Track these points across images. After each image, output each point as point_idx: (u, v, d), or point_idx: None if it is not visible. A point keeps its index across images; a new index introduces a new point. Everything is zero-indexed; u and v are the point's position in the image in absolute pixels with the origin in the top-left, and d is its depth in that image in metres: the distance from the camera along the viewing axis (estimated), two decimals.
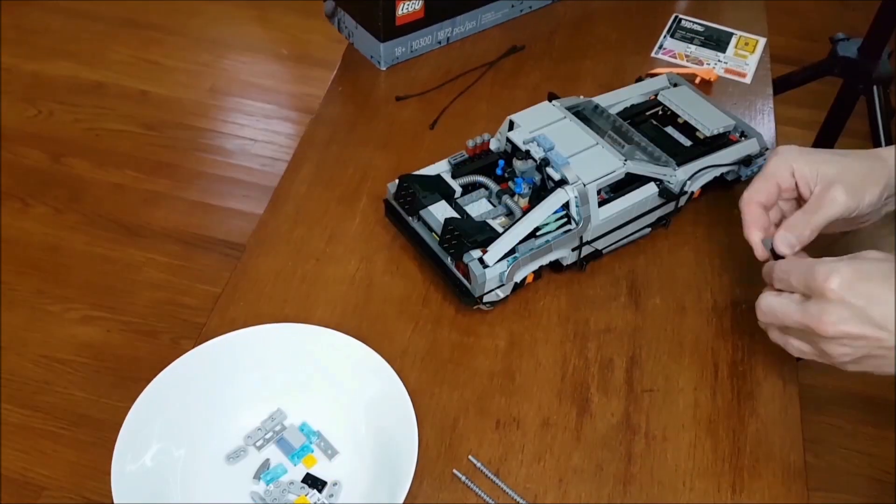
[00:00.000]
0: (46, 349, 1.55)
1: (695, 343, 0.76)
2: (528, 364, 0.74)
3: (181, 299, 1.65)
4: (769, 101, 1.02)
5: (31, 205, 1.82)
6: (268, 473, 0.67)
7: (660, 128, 0.90)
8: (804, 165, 0.71)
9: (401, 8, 0.98)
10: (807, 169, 0.70)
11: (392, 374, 0.68)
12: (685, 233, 0.85)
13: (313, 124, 0.96)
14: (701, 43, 1.10)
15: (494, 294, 0.75)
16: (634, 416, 0.71)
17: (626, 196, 0.79)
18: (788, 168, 0.71)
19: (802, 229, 0.69)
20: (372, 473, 0.66)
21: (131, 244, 1.75)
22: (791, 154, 0.72)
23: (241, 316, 0.76)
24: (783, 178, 0.72)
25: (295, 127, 2.06)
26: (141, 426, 0.65)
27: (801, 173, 0.71)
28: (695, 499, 0.66)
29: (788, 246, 0.69)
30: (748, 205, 0.73)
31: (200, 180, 1.91)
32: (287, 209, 0.86)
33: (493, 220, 0.78)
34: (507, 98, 1.00)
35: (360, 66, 1.04)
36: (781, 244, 0.69)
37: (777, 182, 0.72)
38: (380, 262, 0.81)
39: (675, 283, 0.81)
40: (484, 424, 0.70)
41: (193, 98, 2.11)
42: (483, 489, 0.65)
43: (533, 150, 0.77)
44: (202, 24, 2.33)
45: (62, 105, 2.06)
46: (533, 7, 1.13)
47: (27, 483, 1.37)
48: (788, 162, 0.71)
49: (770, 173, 0.72)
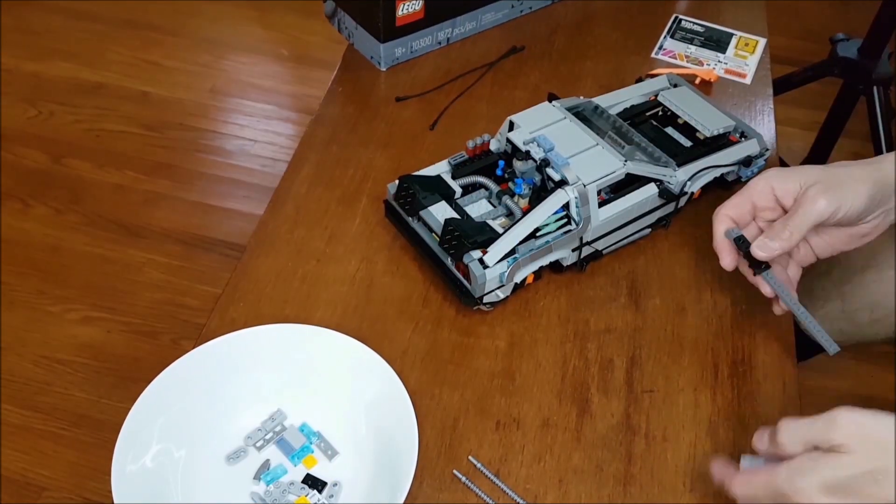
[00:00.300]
0: (47, 350, 1.55)
1: (695, 343, 0.76)
2: (529, 364, 0.74)
3: (181, 300, 1.65)
4: (769, 101, 1.02)
5: (31, 205, 1.82)
6: (268, 474, 0.67)
7: (660, 128, 0.90)
8: (786, 182, 0.70)
9: (401, 8, 0.98)
10: (789, 184, 0.70)
11: (392, 375, 0.68)
12: (685, 233, 0.85)
13: (313, 125, 0.96)
14: (701, 43, 1.10)
15: (494, 294, 0.75)
16: (634, 417, 0.71)
17: (626, 197, 0.79)
18: (767, 186, 0.71)
19: (781, 231, 0.68)
20: (372, 474, 0.66)
21: (131, 245, 1.75)
22: (772, 173, 0.72)
23: (241, 316, 0.76)
24: (760, 197, 0.71)
25: (295, 127, 2.06)
26: (141, 427, 0.65)
27: (784, 189, 0.70)
28: (695, 499, 0.66)
29: (766, 249, 0.69)
30: (717, 216, 0.73)
31: (201, 181, 1.91)
32: (287, 210, 0.86)
33: (493, 220, 0.78)
34: (508, 99, 1.00)
35: (361, 66, 1.04)
36: (759, 249, 0.69)
37: (752, 200, 0.72)
38: (380, 263, 0.81)
39: (675, 283, 0.81)
40: (484, 425, 0.70)
41: (194, 99, 2.11)
42: (483, 490, 0.65)
43: (533, 151, 0.77)
44: (202, 25, 2.33)
45: (62, 106, 2.06)
46: (533, 7, 1.13)
47: (27, 483, 1.37)
48: (768, 181, 0.71)
49: (747, 191, 0.72)
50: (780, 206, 0.72)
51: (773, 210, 0.72)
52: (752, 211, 0.73)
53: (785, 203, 0.71)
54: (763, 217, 0.73)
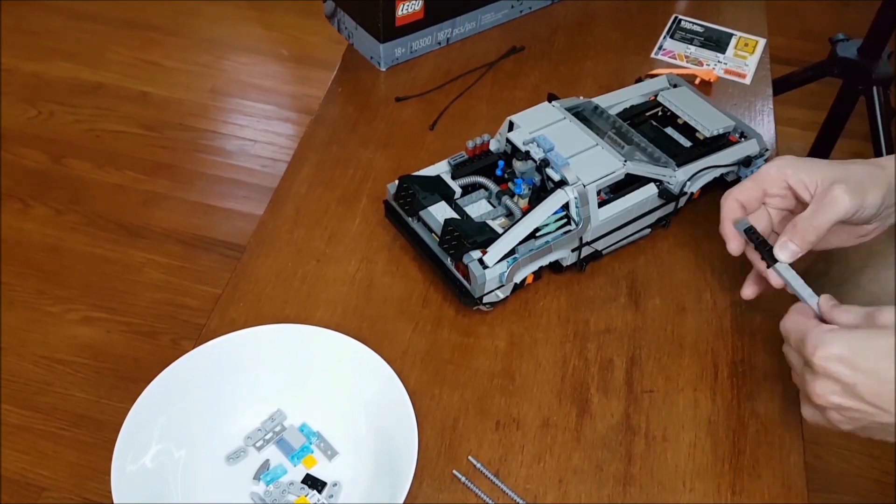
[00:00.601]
0: (46, 350, 1.55)
1: (694, 343, 0.76)
2: (528, 365, 0.74)
3: (181, 300, 1.65)
4: (769, 101, 1.02)
5: (31, 206, 1.82)
6: (268, 474, 0.67)
7: (659, 128, 0.90)
8: (801, 172, 0.69)
9: (401, 9, 0.98)
10: (804, 174, 0.69)
11: (392, 375, 0.68)
12: (685, 233, 0.85)
13: (313, 125, 0.96)
14: (701, 44, 1.10)
15: (494, 295, 0.75)
16: (634, 417, 0.71)
17: (625, 197, 0.79)
18: (780, 174, 0.70)
19: (805, 233, 0.67)
20: (372, 474, 0.66)
21: (131, 245, 1.75)
22: (786, 161, 0.70)
23: (241, 317, 0.76)
24: (771, 184, 0.70)
25: (295, 128, 2.06)
26: (141, 427, 0.65)
27: (798, 179, 0.69)
28: (695, 499, 0.66)
29: (790, 253, 0.67)
30: (726, 199, 0.72)
31: (200, 181, 1.91)
32: (287, 210, 0.86)
33: (493, 220, 0.78)
34: (507, 99, 1.00)
35: (360, 66, 1.04)
36: (782, 252, 0.67)
37: (763, 186, 0.71)
38: (380, 263, 0.81)
39: (675, 283, 0.81)
40: (484, 425, 0.70)
41: (193, 99, 2.11)
42: (483, 490, 0.65)
43: (533, 151, 0.77)
44: (202, 25, 2.33)
45: (62, 106, 2.06)
46: (533, 8, 1.13)
47: (27, 484, 1.37)
48: (781, 169, 0.70)
49: (759, 176, 0.71)
50: (790, 194, 0.70)
51: (784, 198, 0.71)
52: (762, 197, 0.72)
53: (799, 193, 0.69)
54: (773, 204, 0.72)
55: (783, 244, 0.67)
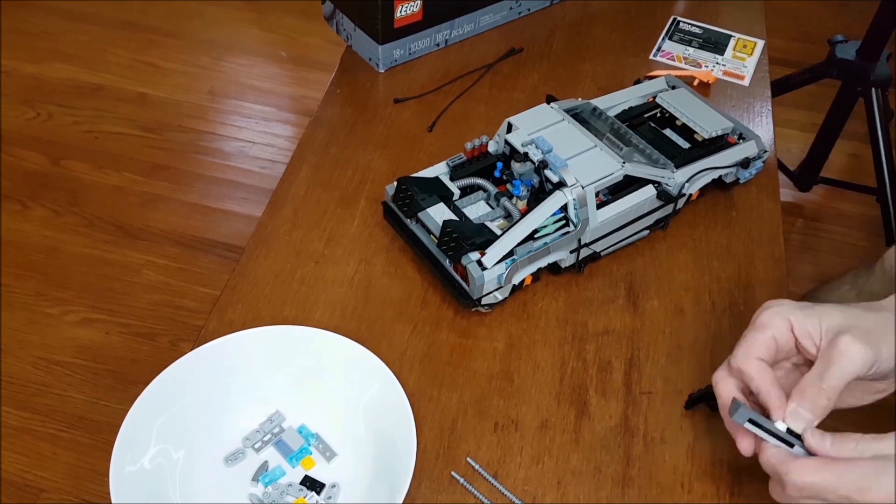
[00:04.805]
0: (45, 351, 1.55)
1: (693, 345, 0.76)
2: (527, 366, 0.74)
3: (180, 301, 1.65)
4: (767, 103, 1.02)
5: (30, 207, 1.82)
6: (266, 475, 0.67)
7: (658, 130, 0.90)
8: (804, 318, 0.59)
9: (399, 10, 0.98)
10: (807, 322, 0.58)
11: (390, 377, 0.68)
12: (683, 235, 0.85)
13: (312, 126, 0.96)
14: (699, 45, 1.10)
15: (493, 296, 0.75)
16: (633, 419, 0.71)
17: (624, 198, 0.79)
18: (785, 320, 0.59)
19: (816, 397, 0.56)
20: (370, 475, 0.66)
21: (130, 246, 1.75)
22: (785, 306, 0.60)
23: (239, 318, 0.76)
24: (780, 332, 0.59)
25: (293, 129, 2.07)
26: (139, 428, 0.65)
27: (802, 328, 0.59)
28: (693, 501, 0.66)
29: (803, 422, 0.56)
30: (748, 360, 0.59)
31: (199, 183, 1.91)
32: (286, 211, 0.86)
33: (492, 222, 0.78)
34: (506, 100, 1.00)
35: (359, 68, 1.04)
36: (795, 420, 0.56)
37: (773, 335, 0.59)
38: (378, 265, 0.81)
39: (674, 285, 0.81)
40: (482, 426, 0.70)
41: (192, 100, 2.11)
42: (481, 491, 0.65)
43: (531, 153, 0.77)
44: (201, 27, 2.33)
45: (61, 107, 2.06)
46: (531, 9, 1.13)
47: (26, 485, 1.37)
48: (784, 314, 0.59)
49: (763, 324, 0.60)
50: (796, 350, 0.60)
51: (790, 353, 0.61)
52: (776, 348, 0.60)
53: (804, 344, 0.59)
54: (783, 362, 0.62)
55: (794, 413, 0.56)
